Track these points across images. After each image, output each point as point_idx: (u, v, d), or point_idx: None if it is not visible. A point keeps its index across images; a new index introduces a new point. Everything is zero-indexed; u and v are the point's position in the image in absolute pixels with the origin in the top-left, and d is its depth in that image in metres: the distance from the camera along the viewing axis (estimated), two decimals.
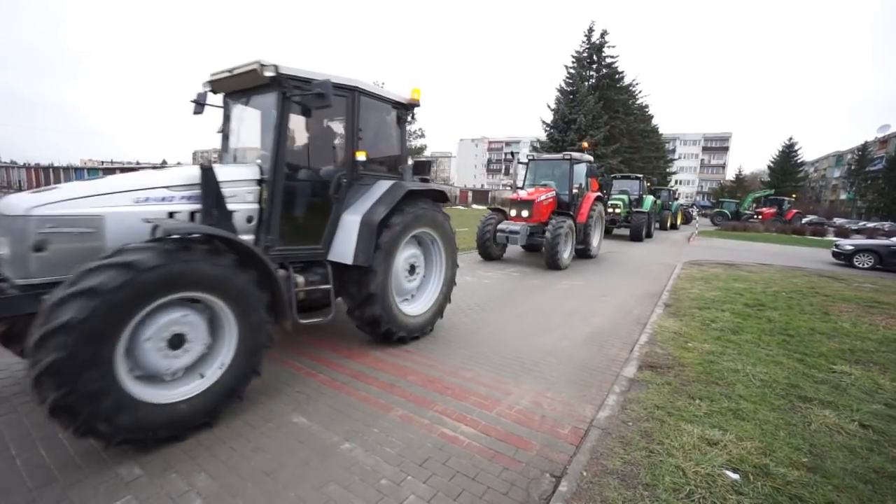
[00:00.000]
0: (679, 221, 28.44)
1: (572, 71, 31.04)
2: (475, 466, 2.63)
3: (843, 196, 62.19)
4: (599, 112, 28.42)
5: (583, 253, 11.29)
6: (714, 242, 18.85)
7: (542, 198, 10.24)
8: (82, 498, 2.22)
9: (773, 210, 32.98)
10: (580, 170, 11.38)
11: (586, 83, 30.53)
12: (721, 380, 3.90)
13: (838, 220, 40.17)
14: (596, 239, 11.87)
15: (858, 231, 28.34)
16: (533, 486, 2.47)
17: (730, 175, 71.17)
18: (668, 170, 45.05)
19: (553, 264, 9.47)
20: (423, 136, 42.32)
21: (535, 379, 3.92)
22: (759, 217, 32.92)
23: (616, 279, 9.07)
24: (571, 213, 10.58)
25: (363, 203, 4.13)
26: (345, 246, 3.96)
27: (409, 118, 4.88)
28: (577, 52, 31.63)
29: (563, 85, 30.84)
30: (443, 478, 2.51)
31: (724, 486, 2.44)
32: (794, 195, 38.17)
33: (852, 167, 58.13)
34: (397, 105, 4.64)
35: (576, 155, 11.12)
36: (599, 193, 12.11)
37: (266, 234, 3.55)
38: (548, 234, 9.44)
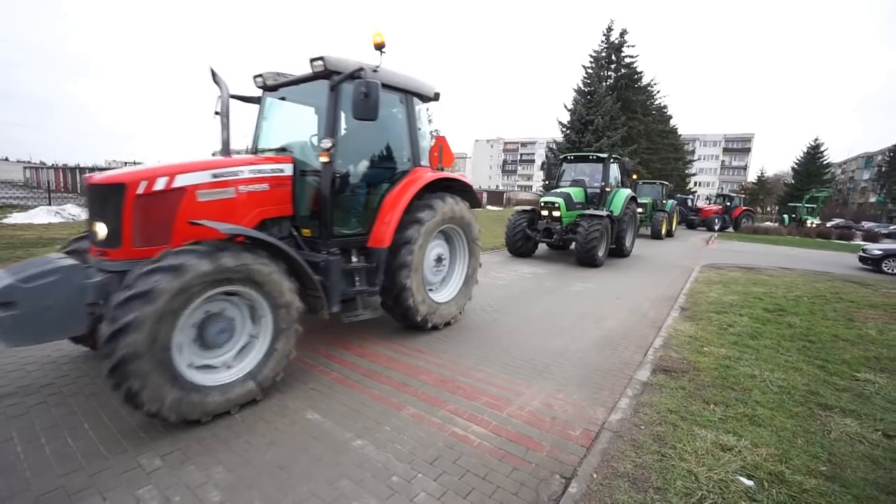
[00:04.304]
0: (675, 226, 21.72)
1: (590, 71, 30.71)
2: (485, 466, 2.65)
3: (872, 199, 60.11)
4: (617, 113, 28.03)
5: (407, 317, 4.67)
6: (734, 246, 18.42)
7: (198, 181, 3.20)
8: (107, 486, 2.32)
9: (717, 207, 29.07)
10: (366, 105, 3.58)
11: (604, 83, 30.17)
12: (737, 385, 3.83)
13: (867, 224, 38.80)
14: (448, 288, 5.31)
15: (888, 235, 27.28)
16: (543, 487, 2.47)
17: (752, 177, 69.48)
18: (687, 171, 44.19)
19: (134, 405, 2.59)
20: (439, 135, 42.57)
21: (546, 380, 3.91)
22: (699, 212, 28.90)
23: (631, 281, 8.94)
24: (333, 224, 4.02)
25: None
26: None
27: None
28: (595, 51, 31.27)
29: (581, 85, 30.51)
30: (453, 476, 2.54)
31: (738, 493, 2.40)
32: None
33: (883, 169, 56.10)
34: None
35: (341, 61, 3.83)
36: (459, 175, 5.26)
37: None
38: (105, 322, 2.50)
